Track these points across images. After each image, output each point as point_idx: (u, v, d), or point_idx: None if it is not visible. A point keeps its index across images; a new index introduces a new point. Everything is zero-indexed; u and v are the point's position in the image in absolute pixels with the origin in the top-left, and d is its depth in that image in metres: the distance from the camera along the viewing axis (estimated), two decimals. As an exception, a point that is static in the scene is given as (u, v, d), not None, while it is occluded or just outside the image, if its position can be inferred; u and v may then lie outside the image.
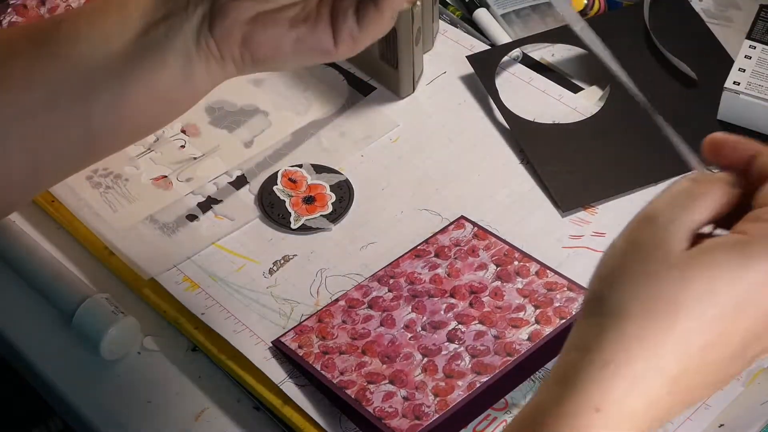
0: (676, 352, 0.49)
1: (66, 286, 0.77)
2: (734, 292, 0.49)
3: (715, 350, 0.50)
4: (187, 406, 0.73)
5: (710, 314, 0.49)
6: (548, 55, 0.97)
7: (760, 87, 0.87)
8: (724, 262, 0.49)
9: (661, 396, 0.49)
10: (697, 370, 0.50)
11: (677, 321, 0.49)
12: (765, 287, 0.49)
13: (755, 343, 0.51)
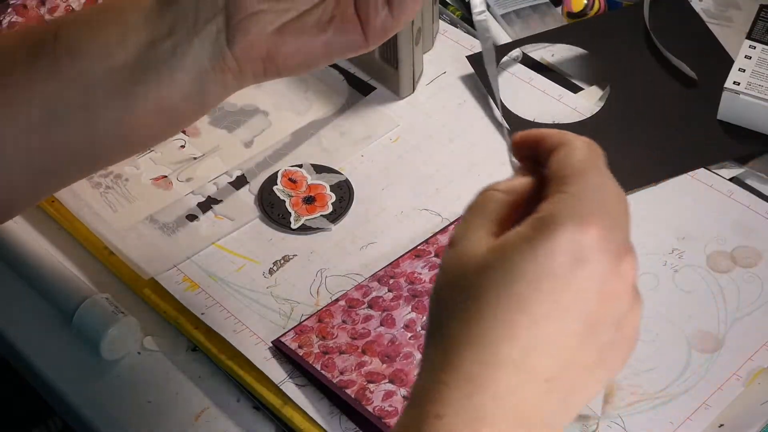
0: (501, 338, 0.49)
1: (66, 286, 0.77)
2: (529, 266, 0.49)
3: (550, 324, 0.49)
4: (187, 406, 0.73)
5: (513, 292, 0.49)
6: (548, 55, 0.97)
7: (760, 87, 0.87)
8: (517, 242, 0.49)
9: (510, 387, 0.49)
10: (543, 352, 0.49)
11: (483, 310, 0.49)
12: (562, 254, 0.49)
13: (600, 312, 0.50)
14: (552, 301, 0.49)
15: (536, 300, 0.49)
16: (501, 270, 0.49)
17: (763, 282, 0.78)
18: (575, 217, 0.50)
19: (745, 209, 0.83)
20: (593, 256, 0.50)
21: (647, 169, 0.86)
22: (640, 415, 0.70)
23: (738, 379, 0.72)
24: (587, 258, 0.49)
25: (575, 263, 0.49)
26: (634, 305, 0.53)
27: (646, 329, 0.75)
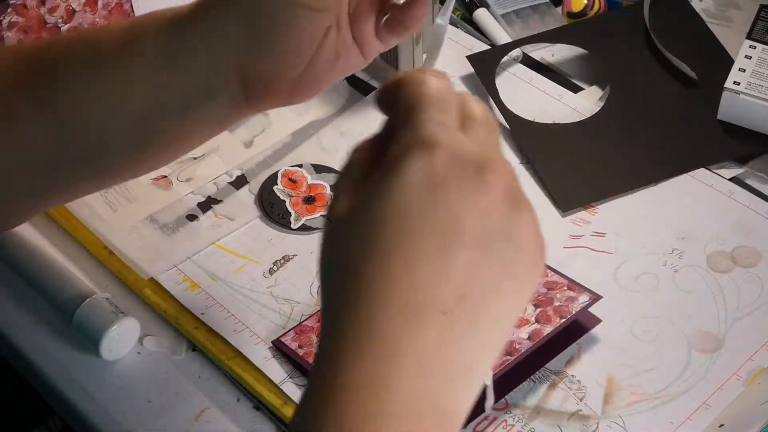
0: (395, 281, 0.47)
1: (66, 286, 0.77)
2: (391, 207, 0.47)
3: (427, 259, 0.47)
4: (187, 406, 0.73)
5: (382, 239, 0.47)
6: (548, 55, 0.97)
7: (760, 87, 0.87)
8: (370, 193, 0.48)
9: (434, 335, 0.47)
10: (430, 288, 0.47)
11: (357, 277, 0.47)
12: (412, 188, 0.47)
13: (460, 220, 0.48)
14: (420, 235, 0.47)
15: (405, 240, 0.47)
16: (362, 223, 0.48)
17: (763, 282, 0.78)
18: (417, 144, 0.48)
19: (745, 209, 0.83)
20: (448, 178, 0.48)
21: (647, 169, 0.86)
22: (640, 415, 0.70)
23: (738, 379, 0.72)
24: (442, 181, 0.47)
25: (432, 189, 0.47)
26: (517, 212, 0.50)
27: (646, 329, 0.76)
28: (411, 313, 0.47)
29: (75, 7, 0.88)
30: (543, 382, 0.72)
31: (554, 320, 0.72)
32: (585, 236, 0.81)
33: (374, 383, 0.46)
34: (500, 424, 0.70)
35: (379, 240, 0.47)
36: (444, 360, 0.47)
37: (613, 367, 0.73)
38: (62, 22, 0.88)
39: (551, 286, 0.74)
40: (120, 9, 0.91)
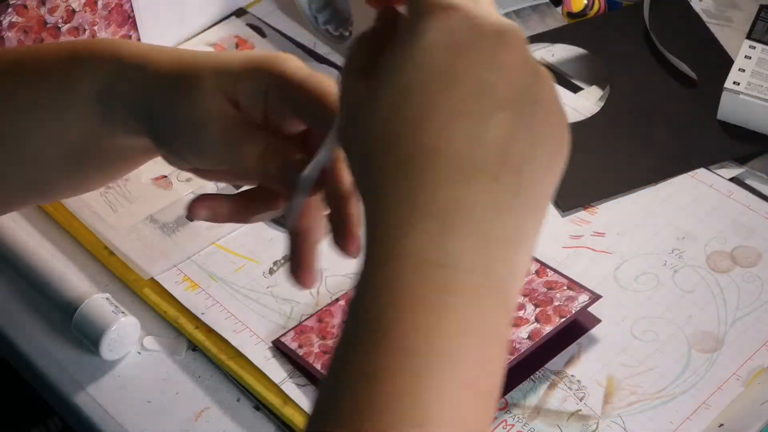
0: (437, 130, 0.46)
1: (66, 286, 0.77)
2: (414, 75, 0.47)
3: (461, 122, 0.46)
4: (187, 406, 0.73)
5: (414, 105, 0.46)
6: (548, 55, 0.97)
7: (760, 87, 0.87)
8: (390, 60, 0.47)
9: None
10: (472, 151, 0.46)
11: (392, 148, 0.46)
12: (433, 50, 0.47)
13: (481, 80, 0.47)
14: (449, 98, 0.46)
15: (436, 104, 0.46)
16: (387, 96, 0.47)
17: (763, 282, 0.78)
18: (434, 8, 0.47)
19: (745, 209, 0.83)
20: (469, 39, 0.47)
21: (647, 169, 0.86)
22: (640, 415, 0.70)
23: (738, 379, 0.72)
24: (464, 42, 0.47)
25: (455, 51, 0.47)
26: (538, 75, 0.48)
27: (646, 329, 0.75)
28: (459, 179, 0.46)
29: (75, 7, 0.88)
30: (543, 382, 0.72)
31: (554, 320, 0.72)
32: (585, 236, 0.81)
33: (432, 253, 0.45)
34: (500, 424, 0.70)
35: (410, 107, 0.46)
36: (501, 226, 0.46)
37: (613, 367, 0.73)
38: (62, 22, 0.88)
39: (551, 285, 0.74)
40: (120, 9, 0.91)
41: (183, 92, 0.60)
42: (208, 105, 0.59)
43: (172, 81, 0.61)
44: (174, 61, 0.62)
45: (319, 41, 0.97)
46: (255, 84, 0.59)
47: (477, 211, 0.46)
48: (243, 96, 0.59)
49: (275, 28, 0.99)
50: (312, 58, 0.96)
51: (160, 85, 0.61)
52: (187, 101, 0.60)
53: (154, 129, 0.62)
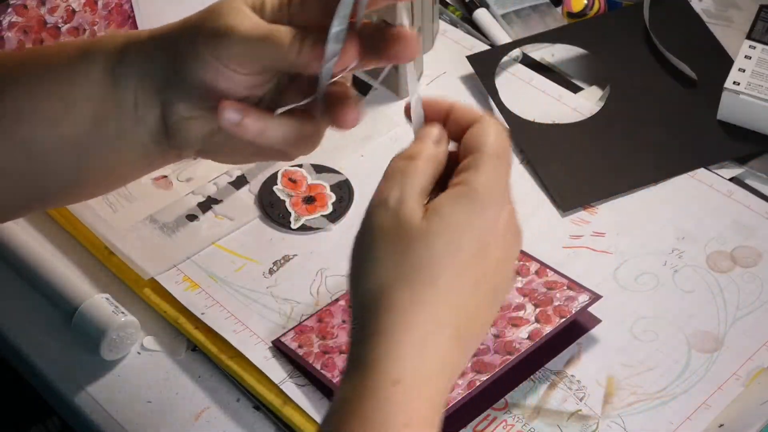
0: (448, 302, 0.54)
1: (66, 286, 0.77)
2: (472, 234, 0.55)
3: (480, 288, 0.56)
4: (187, 406, 0.73)
5: (460, 259, 0.55)
6: (548, 55, 0.97)
7: (760, 87, 0.87)
8: (455, 213, 0.55)
9: (451, 348, 0.54)
10: (472, 312, 0.55)
11: (435, 277, 0.54)
12: (494, 222, 0.56)
13: (501, 270, 0.57)
14: (482, 268, 0.56)
15: (474, 266, 0.55)
16: (446, 241, 0.55)
17: (763, 282, 0.78)
18: (497, 198, 0.57)
19: (745, 209, 0.83)
20: (504, 236, 0.57)
21: (647, 169, 0.86)
22: (640, 415, 0.70)
23: (738, 379, 0.72)
24: (500, 234, 0.57)
25: (498, 237, 0.57)
26: (511, 280, 0.60)
27: (646, 329, 0.76)
28: (455, 339, 0.55)
29: (75, 7, 0.88)
30: (543, 382, 0.72)
31: (554, 320, 0.72)
32: (585, 236, 0.81)
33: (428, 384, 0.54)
34: (500, 424, 0.70)
35: (457, 261, 0.55)
36: (448, 374, 0.55)
37: (613, 367, 0.73)
38: (62, 22, 0.88)
39: (551, 285, 0.74)
40: (120, 9, 0.91)
41: (209, 17, 0.62)
42: (237, 13, 0.61)
43: (192, 20, 0.63)
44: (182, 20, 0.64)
45: (319, 41, 0.97)
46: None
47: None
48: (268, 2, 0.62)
49: (275, 28, 0.99)
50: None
51: (180, 28, 0.64)
52: (215, 18, 0.62)
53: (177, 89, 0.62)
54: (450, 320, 0.54)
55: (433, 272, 0.54)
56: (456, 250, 0.55)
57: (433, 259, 0.55)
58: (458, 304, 0.55)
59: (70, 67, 0.64)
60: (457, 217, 0.55)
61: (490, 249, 0.56)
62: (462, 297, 0.55)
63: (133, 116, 0.63)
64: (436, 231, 0.55)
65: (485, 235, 0.56)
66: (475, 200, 0.56)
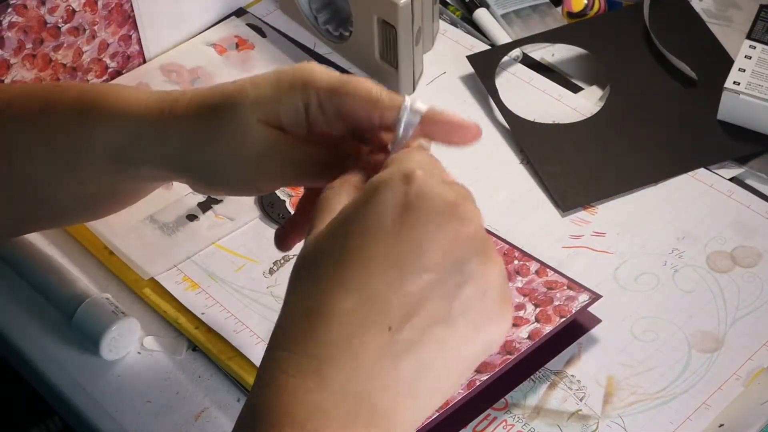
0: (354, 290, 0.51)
1: (66, 286, 0.77)
2: (357, 223, 0.52)
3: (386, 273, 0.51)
4: (187, 406, 0.73)
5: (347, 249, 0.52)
6: (548, 55, 0.97)
7: (760, 87, 0.87)
8: (345, 210, 0.53)
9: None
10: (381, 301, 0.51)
11: (316, 278, 0.52)
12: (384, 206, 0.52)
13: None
14: (382, 251, 0.51)
15: (366, 254, 0.51)
16: (332, 235, 0.52)
17: (763, 282, 0.78)
18: (398, 173, 0.52)
19: (745, 209, 0.83)
20: (421, 203, 0.52)
21: (647, 169, 0.86)
22: (640, 415, 0.70)
23: (738, 379, 0.72)
24: (414, 204, 0.51)
25: (402, 210, 0.51)
26: (484, 258, 0.53)
27: (646, 329, 0.76)
28: (356, 317, 0.51)
29: (75, 7, 0.88)
30: (543, 382, 0.72)
31: (554, 319, 0.72)
32: (585, 236, 0.81)
33: (310, 377, 0.50)
34: (500, 424, 0.70)
35: (345, 252, 0.51)
36: (381, 369, 0.50)
37: (613, 367, 0.73)
38: (62, 22, 0.88)
39: (551, 285, 0.74)
40: (120, 9, 0.91)
41: (222, 130, 0.62)
42: (254, 135, 0.61)
43: (203, 122, 0.63)
44: (196, 102, 0.64)
45: (319, 41, 0.97)
46: (294, 102, 0.61)
47: (360, 352, 0.50)
48: (286, 117, 0.62)
49: (275, 28, 0.99)
50: (312, 58, 0.96)
51: (189, 131, 0.63)
52: (228, 138, 0.62)
53: (186, 170, 0.65)
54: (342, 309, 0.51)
55: (316, 268, 0.53)
56: (341, 242, 0.52)
57: (318, 258, 0.53)
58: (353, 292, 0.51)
59: (73, 137, 0.66)
60: (347, 209, 0.53)
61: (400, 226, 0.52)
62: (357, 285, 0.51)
63: (143, 180, 0.67)
64: (326, 233, 0.53)
65: (376, 215, 0.52)
66: (366, 192, 0.53)
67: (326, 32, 0.97)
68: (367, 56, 0.92)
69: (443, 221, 0.52)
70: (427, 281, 0.51)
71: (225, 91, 0.63)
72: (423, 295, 0.51)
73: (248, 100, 0.62)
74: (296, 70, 0.62)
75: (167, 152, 0.64)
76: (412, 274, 0.51)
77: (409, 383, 0.51)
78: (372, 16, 0.90)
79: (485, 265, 0.52)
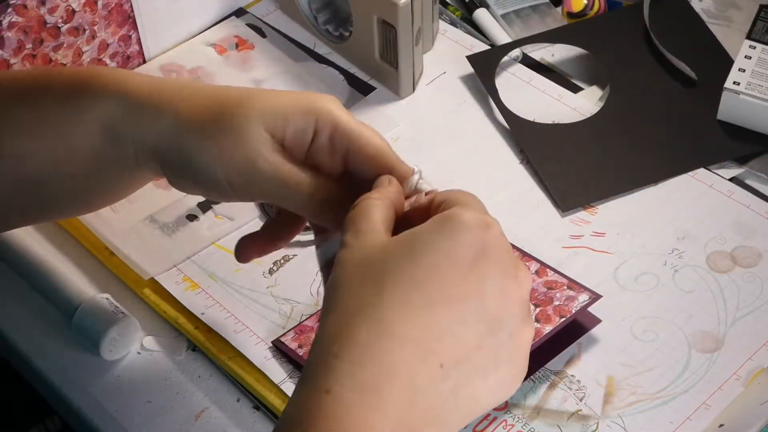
0: (396, 311, 0.52)
1: (66, 286, 0.77)
2: (435, 248, 0.53)
3: (454, 309, 0.52)
4: (187, 406, 0.73)
5: (415, 272, 0.52)
6: (548, 55, 0.97)
7: (760, 87, 0.87)
8: (423, 230, 0.54)
9: (408, 361, 0.51)
10: (444, 331, 0.52)
11: (381, 285, 0.52)
12: (469, 243, 0.54)
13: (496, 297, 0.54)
14: (450, 286, 0.53)
15: (435, 284, 0.52)
16: (403, 254, 0.53)
17: (763, 282, 0.78)
18: (478, 218, 0.54)
19: (745, 209, 0.83)
20: (494, 253, 0.54)
21: (647, 169, 0.86)
22: (640, 415, 0.70)
23: (738, 379, 0.72)
24: (489, 254, 0.54)
25: (477, 256, 0.53)
26: (526, 321, 0.56)
27: (646, 329, 0.76)
28: (415, 347, 0.52)
29: (75, 7, 0.88)
30: (543, 382, 0.72)
31: (554, 319, 0.72)
32: (585, 236, 0.81)
33: (368, 395, 0.50)
34: (500, 424, 0.70)
35: (413, 275, 0.53)
36: (425, 404, 0.51)
37: (613, 367, 0.73)
38: (62, 22, 0.88)
39: (551, 285, 0.74)
40: (120, 9, 0.91)
41: (224, 119, 0.62)
42: (256, 145, 0.61)
43: (207, 110, 0.63)
44: (208, 91, 0.64)
45: (319, 41, 0.98)
46: (305, 126, 0.62)
47: (410, 378, 0.51)
48: (290, 137, 0.62)
49: (275, 28, 0.99)
50: (312, 58, 0.96)
51: (187, 115, 0.63)
52: (228, 130, 0.62)
53: (171, 156, 0.64)
54: (403, 332, 0.51)
55: (381, 281, 0.52)
56: (410, 263, 0.53)
57: (384, 272, 0.53)
58: (416, 317, 0.52)
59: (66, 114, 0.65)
60: (423, 233, 0.54)
61: (471, 268, 0.53)
62: (421, 311, 0.52)
63: (129, 164, 0.65)
64: (397, 248, 0.54)
65: (455, 250, 0.53)
66: (445, 223, 0.54)
67: (326, 32, 0.97)
68: (367, 56, 0.93)
69: (507, 277, 0.54)
70: (482, 330, 0.53)
71: (240, 90, 0.64)
72: (477, 343, 0.53)
73: (261, 109, 0.62)
74: (318, 99, 0.63)
75: (161, 130, 0.63)
76: (473, 319, 0.53)
77: (441, 419, 0.52)
78: (372, 16, 0.90)
79: (524, 329, 0.55)
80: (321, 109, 0.62)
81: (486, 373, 0.53)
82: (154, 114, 0.63)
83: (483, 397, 0.54)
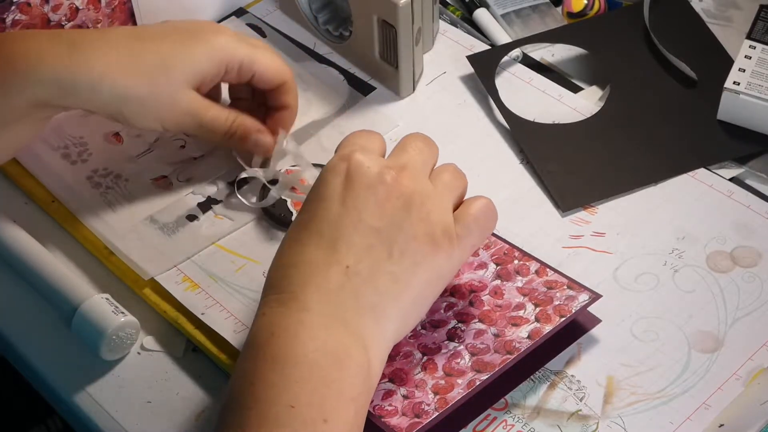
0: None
1: (66, 286, 0.77)
2: (313, 200, 0.68)
3: (342, 223, 0.66)
4: (187, 406, 0.73)
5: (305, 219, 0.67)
6: (548, 55, 0.97)
7: (760, 87, 0.87)
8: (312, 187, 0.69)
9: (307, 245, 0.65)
10: (343, 246, 0.65)
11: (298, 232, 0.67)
12: (333, 176, 0.68)
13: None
14: (335, 212, 0.66)
15: (321, 214, 0.66)
16: (300, 210, 0.68)
17: (763, 282, 0.78)
18: (339, 156, 0.68)
19: (745, 209, 0.83)
20: (355, 176, 0.66)
21: (647, 169, 0.86)
22: (640, 415, 0.70)
23: (738, 379, 0.72)
24: (351, 177, 0.66)
25: (345, 183, 0.66)
26: (410, 208, 0.66)
27: (646, 329, 0.76)
28: (322, 264, 0.65)
29: (78, 5, 0.88)
30: (543, 382, 0.72)
31: (554, 319, 0.72)
32: (585, 236, 0.81)
33: (291, 303, 0.64)
34: (500, 424, 0.70)
35: (306, 218, 0.67)
36: (345, 297, 0.64)
37: (613, 367, 0.73)
38: (66, 20, 0.88)
39: (551, 285, 0.74)
40: (123, 6, 0.91)
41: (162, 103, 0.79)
42: (187, 107, 0.79)
43: (147, 96, 0.78)
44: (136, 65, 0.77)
45: (319, 41, 0.98)
46: (218, 72, 0.81)
47: (324, 284, 0.65)
48: (207, 86, 0.81)
49: (275, 28, 0.99)
50: (312, 58, 0.96)
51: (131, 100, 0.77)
52: (168, 108, 0.79)
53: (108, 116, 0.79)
54: (309, 255, 0.65)
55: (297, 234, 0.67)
56: (304, 211, 0.67)
57: (295, 223, 0.68)
58: (312, 244, 0.65)
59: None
60: (311, 190, 0.68)
61: (342, 196, 0.66)
62: (317, 240, 0.65)
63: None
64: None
65: (324, 190, 0.67)
66: (322, 172, 0.68)
67: (326, 32, 0.97)
68: (367, 56, 0.93)
69: (373, 187, 0.66)
70: (369, 232, 0.65)
71: (162, 49, 0.79)
72: (368, 243, 0.65)
73: (184, 65, 0.79)
74: (220, 38, 0.81)
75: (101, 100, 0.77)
76: (357, 228, 0.65)
77: (370, 307, 0.64)
78: (372, 16, 0.90)
79: (411, 216, 0.66)
80: (231, 57, 0.80)
81: (394, 259, 0.65)
82: (90, 89, 0.76)
83: (408, 278, 0.65)
